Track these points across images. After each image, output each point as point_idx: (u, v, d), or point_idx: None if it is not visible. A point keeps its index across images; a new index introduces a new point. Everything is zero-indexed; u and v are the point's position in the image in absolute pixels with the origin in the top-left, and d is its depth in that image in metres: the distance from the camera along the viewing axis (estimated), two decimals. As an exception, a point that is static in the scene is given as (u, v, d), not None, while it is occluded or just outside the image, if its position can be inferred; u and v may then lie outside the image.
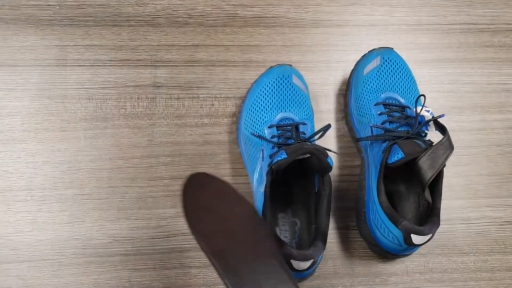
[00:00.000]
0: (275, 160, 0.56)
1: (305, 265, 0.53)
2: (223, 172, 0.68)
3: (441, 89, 0.74)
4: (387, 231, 0.59)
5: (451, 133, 0.60)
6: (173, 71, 0.71)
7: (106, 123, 0.68)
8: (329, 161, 0.57)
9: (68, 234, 0.64)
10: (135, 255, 0.65)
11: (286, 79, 0.66)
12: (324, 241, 0.56)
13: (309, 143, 0.58)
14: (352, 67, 0.71)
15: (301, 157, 0.56)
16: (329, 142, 0.70)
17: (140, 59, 0.71)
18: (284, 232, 0.62)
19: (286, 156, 0.55)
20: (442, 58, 0.75)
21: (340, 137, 0.71)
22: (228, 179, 0.67)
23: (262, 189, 0.58)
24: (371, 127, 0.64)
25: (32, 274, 0.63)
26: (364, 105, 0.66)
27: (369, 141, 0.65)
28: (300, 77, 0.68)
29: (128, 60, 0.70)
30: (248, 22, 0.73)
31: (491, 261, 0.69)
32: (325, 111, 0.71)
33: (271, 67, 0.67)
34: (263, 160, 0.60)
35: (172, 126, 0.69)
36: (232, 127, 0.70)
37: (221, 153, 0.68)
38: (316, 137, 0.61)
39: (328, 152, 0.58)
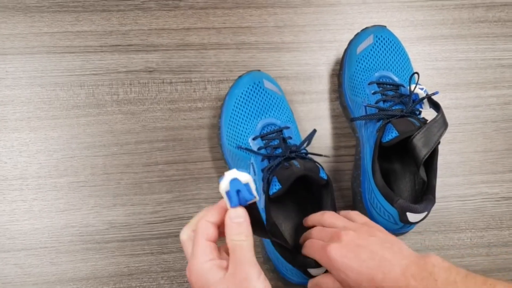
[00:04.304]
0: (271, 192, 0.55)
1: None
2: (218, 155, 0.67)
3: (435, 66, 0.73)
4: (382, 210, 0.59)
5: (446, 111, 0.60)
6: (165, 55, 0.70)
7: (99, 109, 0.68)
8: (322, 176, 0.57)
9: (65, 222, 0.65)
10: (132, 241, 0.65)
11: (258, 85, 0.64)
12: None
13: (296, 165, 0.56)
14: (345, 47, 0.70)
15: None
16: (324, 123, 0.70)
17: (131, 44, 0.70)
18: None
19: (281, 186, 0.55)
20: (436, 34, 0.74)
21: (334, 117, 0.71)
22: (222, 162, 0.67)
23: (262, 205, 0.57)
24: (365, 106, 0.64)
25: (30, 262, 0.63)
26: (358, 85, 0.66)
27: (363, 121, 0.64)
28: (272, 80, 0.66)
29: (119, 45, 0.70)
30: (239, 3, 0.72)
31: (488, 236, 0.69)
32: (319, 91, 0.71)
33: (240, 76, 0.66)
34: (255, 175, 0.59)
35: (165, 111, 0.69)
36: (226, 110, 0.69)
37: (216, 137, 0.68)
38: (304, 145, 0.59)
39: (321, 162, 0.57)
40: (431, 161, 0.59)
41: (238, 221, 0.42)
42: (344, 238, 0.49)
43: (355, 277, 0.46)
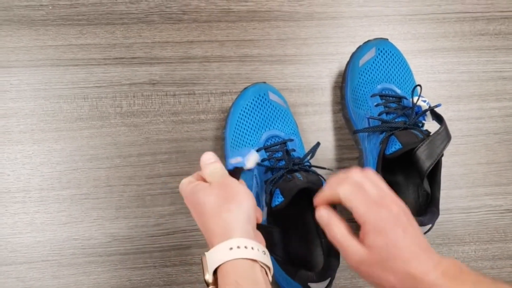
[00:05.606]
0: (274, 204, 0.56)
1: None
2: (221, 168, 0.67)
3: (437, 79, 0.73)
4: (386, 222, 0.59)
5: (448, 123, 0.60)
6: (168, 68, 0.70)
7: (102, 122, 0.68)
8: None
9: (67, 235, 0.64)
10: (134, 254, 0.65)
11: (263, 97, 0.65)
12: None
13: (299, 177, 0.56)
14: (347, 59, 0.70)
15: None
16: (327, 135, 0.70)
17: (135, 57, 0.70)
18: None
19: (283, 199, 0.55)
20: (438, 47, 0.74)
21: (337, 129, 0.71)
22: (226, 174, 0.67)
23: (264, 216, 0.57)
24: (368, 118, 0.64)
25: (32, 275, 0.63)
26: (361, 97, 0.66)
27: (366, 133, 0.65)
28: (277, 93, 0.67)
29: (123, 58, 0.70)
30: (242, 16, 0.73)
31: (492, 249, 0.69)
32: (321, 103, 0.71)
33: (246, 88, 0.66)
34: (258, 185, 0.60)
35: (168, 123, 0.69)
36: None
37: (219, 149, 0.68)
38: (307, 158, 0.60)
39: (324, 174, 0.57)
40: (434, 174, 0.59)
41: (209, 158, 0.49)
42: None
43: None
